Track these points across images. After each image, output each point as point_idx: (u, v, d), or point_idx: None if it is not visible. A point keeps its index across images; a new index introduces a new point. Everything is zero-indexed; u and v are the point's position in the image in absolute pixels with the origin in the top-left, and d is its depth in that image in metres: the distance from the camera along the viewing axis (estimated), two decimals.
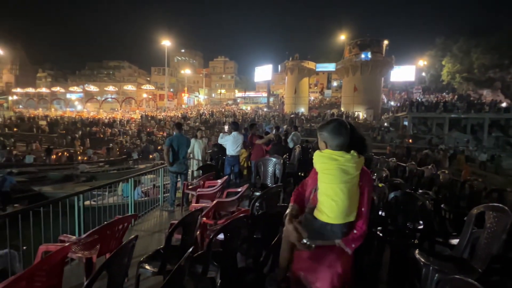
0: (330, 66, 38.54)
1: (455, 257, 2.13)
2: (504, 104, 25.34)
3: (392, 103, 36.49)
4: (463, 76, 31.31)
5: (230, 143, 5.69)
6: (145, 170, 8.94)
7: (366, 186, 1.41)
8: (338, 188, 1.33)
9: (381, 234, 2.72)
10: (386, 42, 34.39)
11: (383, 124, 26.06)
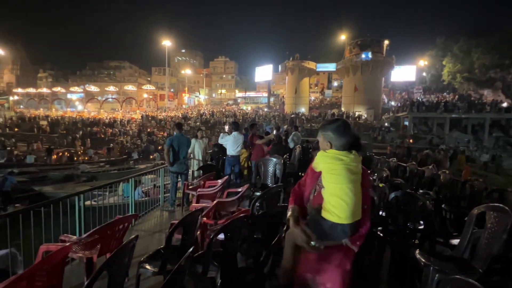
0: (331, 66, 38.52)
1: (456, 257, 2.13)
2: (505, 104, 25.33)
3: (392, 103, 36.44)
4: (464, 76, 31.27)
5: (231, 143, 5.69)
6: (145, 170, 8.94)
7: (367, 184, 1.44)
8: (347, 188, 1.33)
9: (381, 234, 2.71)
10: (386, 42, 34.36)
11: (384, 124, 26.02)
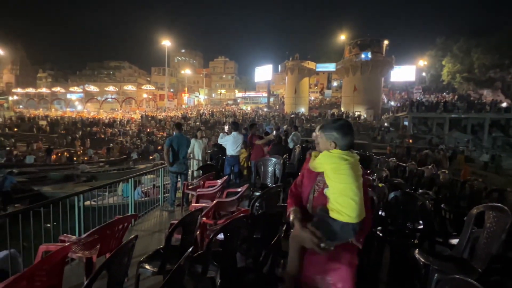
0: (330, 66, 38.54)
1: (455, 257, 2.13)
2: (504, 104, 25.35)
3: (392, 103, 36.46)
4: (464, 76, 31.29)
5: (230, 143, 5.69)
6: (145, 170, 8.93)
7: (365, 183, 1.47)
8: (355, 187, 1.35)
9: (381, 234, 2.71)
10: (386, 42, 34.37)
11: (383, 124, 26.04)
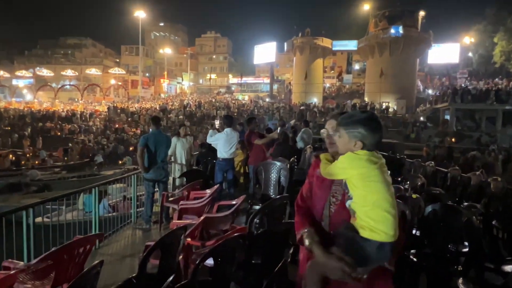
0: (351, 44, 38.55)
1: (510, 287, 2.14)
2: None
3: (430, 92, 36.58)
4: None
5: (222, 143, 5.71)
6: (113, 177, 8.94)
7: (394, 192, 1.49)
8: (390, 197, 1.35)
9: (415, 259, 2.73)
10: (422, 14, 34.47)
11: (419, 118, 26.13)
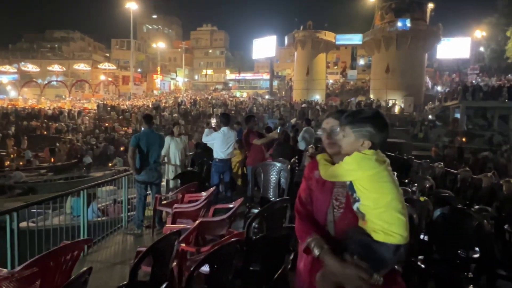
0: (355, 38, 38.66)
1: None
2: None
3: (439, 88, 36.65)
4: None
5: (219, 143, 5.71)
6: (102, 179, 8.93)
7: None
8: (401, 197, 1.37)
9: (423, 265, 2.73)
10: (431, 6, 34.57)
11: (427, 116, 26.21)
